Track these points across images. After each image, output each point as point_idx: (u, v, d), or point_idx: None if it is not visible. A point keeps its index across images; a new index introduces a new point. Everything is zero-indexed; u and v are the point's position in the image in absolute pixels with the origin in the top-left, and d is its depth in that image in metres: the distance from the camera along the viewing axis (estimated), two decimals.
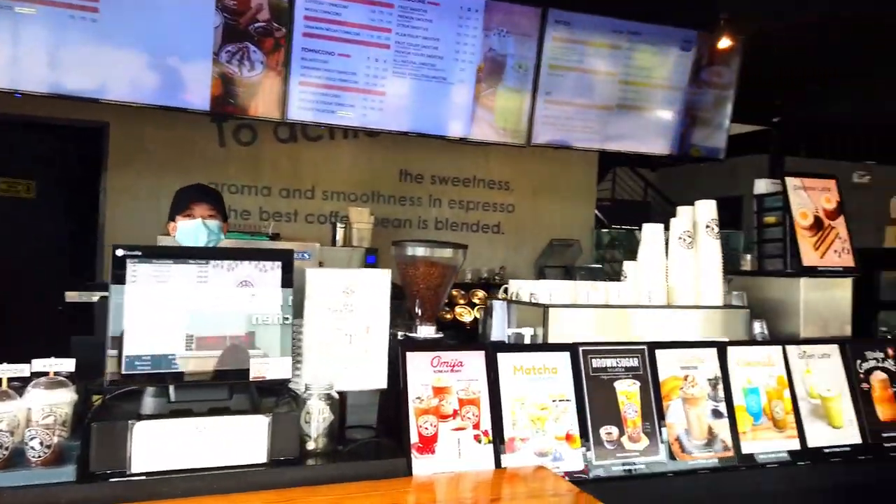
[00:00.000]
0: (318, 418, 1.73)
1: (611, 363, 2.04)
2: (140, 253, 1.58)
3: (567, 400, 1.96)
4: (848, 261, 2.58)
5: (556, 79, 3.57)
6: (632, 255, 2.54)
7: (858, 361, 2.37)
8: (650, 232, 2.41)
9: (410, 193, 5.79)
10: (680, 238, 2.38)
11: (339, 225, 4.89)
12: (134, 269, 1.57)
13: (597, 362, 2.03)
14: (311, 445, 1.71)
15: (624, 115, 3.82)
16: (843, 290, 2.57)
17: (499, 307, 2.31)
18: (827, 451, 2.18)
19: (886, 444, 2.25)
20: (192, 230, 2.44)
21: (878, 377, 2.37)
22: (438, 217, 5.84)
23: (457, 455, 1.80)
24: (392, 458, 1.74)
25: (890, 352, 2.42)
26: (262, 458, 1.61)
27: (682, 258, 2.37)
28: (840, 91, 5.71)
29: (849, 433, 2.23)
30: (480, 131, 3.55)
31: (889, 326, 3.77)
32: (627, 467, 1.93)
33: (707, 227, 2.41)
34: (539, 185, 6.04)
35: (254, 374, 1.63)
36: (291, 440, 1.65)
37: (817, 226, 2.58)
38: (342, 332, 1.92)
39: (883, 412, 2.31)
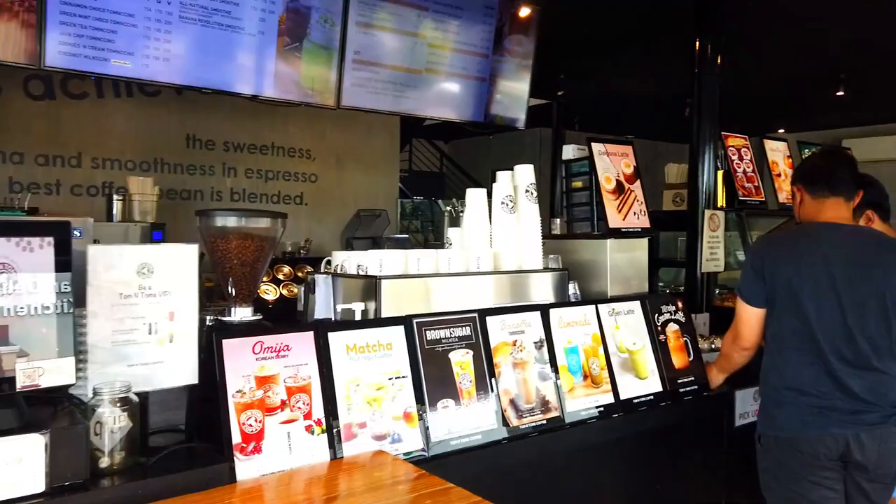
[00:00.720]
0: (112, 428, 1.42)
1: (445, 334, 1.96)
2: None
3: (403, 377, 1.84)
4: (645, 222, 2.78)
5: (364, 37, 3.37)
6: (433, 224, 2.48)
7: (656, 315, 2.56)
8: (474, 197, 2.36)
9: (200, 161, 5.24)
10: (503, 203, 2.36)
11: (115, 197, 4.25)
12: None
13: (431, 334, 1.94)
14: (105, 462, 1.40)
15: (433, 80, 3.76)
16: (641, 250, 2.77)
17: (322, 282, 2.12)
18: (636, 401, 2.33)
19: (681, 390, 2.48)
20: None
21: (672, 329, 2.59)
22: (234, 188, 5.37)
23: (287, 451, 1.60)
24: (211, 465, 1.49)
25: (679, 304, 2.65)
26: (38, 486, 1.27)
27: (505, 223, 2.36)
28: (611, 69, 6.25)
29: (652, 383, 2.41)
30: (284, 90, 3.25)
31: (665, 282, 4.22)
32: (464, 440, 1.88)
33: (527, 191, 2.43)
34: (342, 154, 5.83)
35: (22, 382, 1.27)
36: (78, 460, 1.33)
37: (619, 189, 2.74)
38: (139, 320, 1.60)
39: (677, 360, 2.53)
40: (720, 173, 3.51)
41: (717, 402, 2.57)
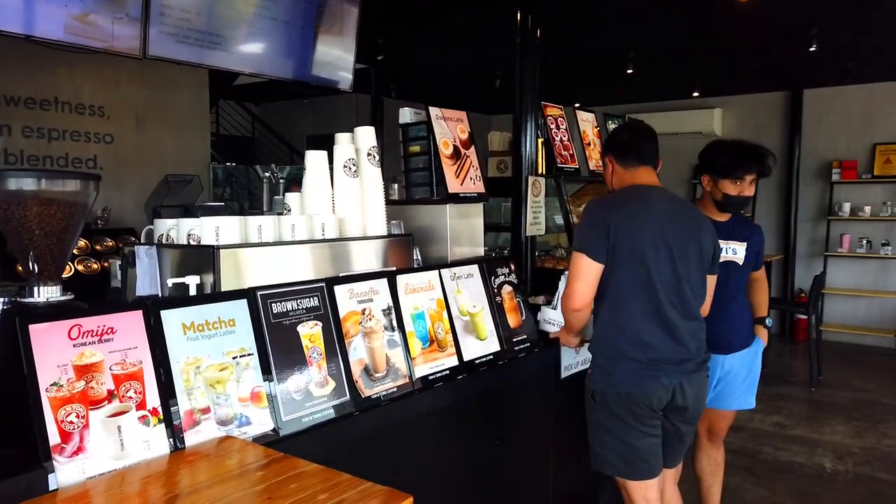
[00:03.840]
0: None
1: (291, 306, 1.84)
2: None
3: (249, 354, 1.69)
4: (481, 187, 2.83)
5: None
6: (249, 192, 2.33)
7: (492, 278, 2.64)
8: (315, 160, 2.23)
9: None
10: (345, 167, 2.26)
11: None
12: None
13: (277, 307, 1.80)
14: None
15: (256, 32, 3.48)
16: (477, 215, 2.83)
17: (145, 254, 1.87)
18: (478, 361, 2.39)
19: (516, 348, 2.59)
20: None
21: (507, 290, 2.68)
22: (10, 149, 4.57)
23: (119, 448, 1.40)
24: (24, 473, 1.25)
25: (512, 267, 2.76)
26: None
27: (348, 187, 2.26)
28: (431, 38, 6.28)
29: (491, 343, 2.49)
30: (77, 32, 2.79)
31: (488, 246, 4.38)
32: (317, 416, 1.78)
33: (369, 154, 2.35)
34: (143, 113, 5.21)
35: None
36: None
37: (456, 154, 2.76)
38: None
39: (512, 320, 2.64)
40: (540, 142, 3.68)
41: (546, 357, 2.73)
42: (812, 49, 5.45)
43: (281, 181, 3.52)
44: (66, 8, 2.84)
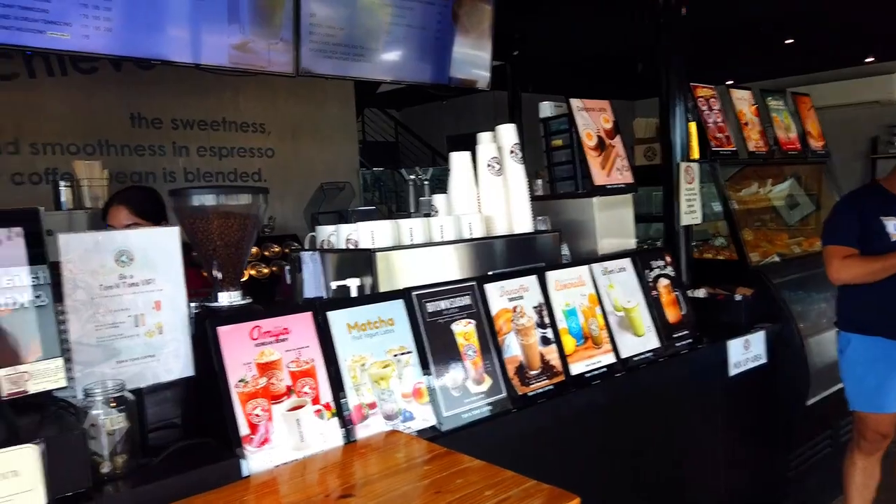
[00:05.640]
0: (109, 430, 1.30)
1: (445, 305, 1.88)
2: None
3: (409, 352, 1.76)
4: (629, 177, 2.73)
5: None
6: (396, 194, 2.39)
7: (647, 271, 2.54)
8: (460, 161, 2.27)
9: (148, 141, 4.94)
10: (489, 165, 2.27)
11: (62, 184, 3.97)
12: None
13: (431, 306, 1.85)
14: (106, 468, 1.29)
15: (394, 41, 3.61)
16: (627, 207, 2.73)
17: (309, 259, 2.00)
18: (636, 359, 2.31)
19: (677, 344, 2.47)
20: None
21: (663, 283, 2.57)
22: (188, 167, 5.09)
23: (299, 439, 1.51)
24: (221, 461, 1.39)
25: (668, 259, 2.63)
26: (38, 500, 1.14)
27: (493, 186, 2.28)
28: (566, 25, 6.16)
29: (649, 339, 2.39)
30: (238, 59, 3.05)
31: (639, 238, 4.21)
32: (475, 412, 1.81)
33: (511, 151, 2.35)
34: (298, 126, 5.59)
35: (8, 389, 1.14)
36: (78, 468, 1.21)
37: (601, 145, 2.68)
38: (123, 313, 1.47)
39: (670, 315, 2.52)
40: (692, 125, 3.48)
41: (711, 354, 2.58)
42: None
43: (425, 183, 3.62)
44: (227, 38, 3.12)
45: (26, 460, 1.13)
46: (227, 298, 1.72)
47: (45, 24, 2.68)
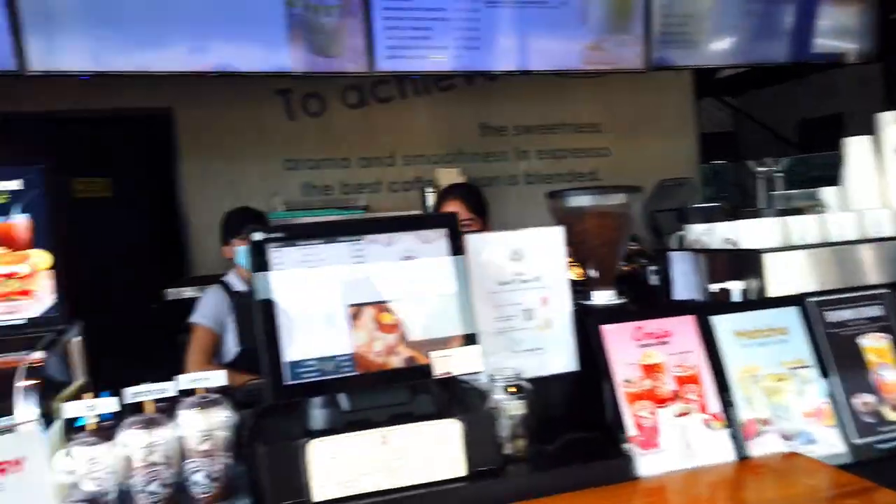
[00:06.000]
0: (510, 415, 1.40)
1: (850, 315, 1.63)
2: (283, 234, 1.26)
3: (807, 366, 1.56)
4: None
5: None
6: (739, 188, 2.09)
7: None
8: (857, 148, 1.95)
9: (494, 148, 5.36)
10: None
11: (427, 190, 4.54)
12: (279, 256, 1.25)
13: (833, 315, 1.62)
14: (508, 450, 1.38)
15: (749, 18, 3.30)
16: None
17: (680, 259, 1.92)
18: None
19: None
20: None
21: None
22: (528, 170, 5.40)
23: (685, 447, 1.44)
24: (611, 459, 1.39)
25: None
26: (460, 470, 1.29)
27: None
28: None
29: None
30: (590, 59, 3.10)
31: None
32: (892, 443, 1.53)
33: None
34: (633, 123, 5.51)
35: (439, 369, 1.30)
36: (490, 446, 1.33)
37: None
38: (516, 307, 1.58)
39: None
40: None
41: None
42: None
43: (778, 176, 3.24)
44: (582, 41, 3.19)
45: (453, 432, 1.28)
46: (603, 297, 1.73)
47: (427, 50, 3.07)
